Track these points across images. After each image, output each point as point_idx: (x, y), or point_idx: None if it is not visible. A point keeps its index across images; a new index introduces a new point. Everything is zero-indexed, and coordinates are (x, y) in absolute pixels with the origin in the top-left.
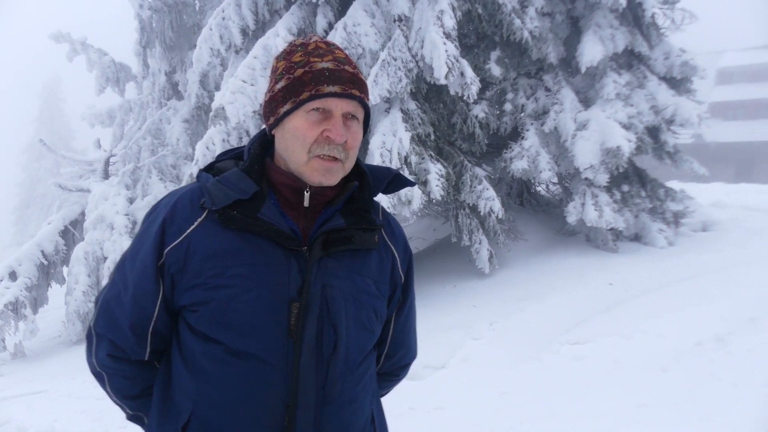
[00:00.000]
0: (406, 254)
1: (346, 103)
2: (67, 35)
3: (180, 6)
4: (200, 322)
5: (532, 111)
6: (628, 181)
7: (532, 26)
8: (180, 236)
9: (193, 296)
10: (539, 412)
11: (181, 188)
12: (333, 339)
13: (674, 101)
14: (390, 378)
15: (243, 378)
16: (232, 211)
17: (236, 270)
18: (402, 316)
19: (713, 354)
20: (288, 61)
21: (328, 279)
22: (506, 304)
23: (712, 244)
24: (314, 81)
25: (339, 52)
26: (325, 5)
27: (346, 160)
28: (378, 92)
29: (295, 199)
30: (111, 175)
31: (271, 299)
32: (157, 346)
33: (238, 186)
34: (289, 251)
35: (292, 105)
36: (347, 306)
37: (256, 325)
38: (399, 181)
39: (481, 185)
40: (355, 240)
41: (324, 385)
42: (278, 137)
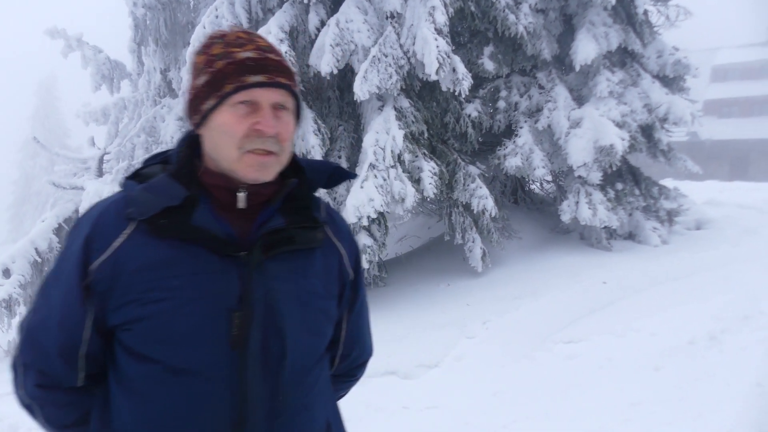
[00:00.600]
0: (353, 249)
1: (274, 93)
2: (62, 31)
3: (174, 4)
4: (135, 340)
5: (525, 109)
6: (622, 179)
7: (526, 22)
8: (106, 251)
9: (125, 314)
10: (532, 411)
11: (104, 200)
12: (280, 347)
13: (667, 99)
14: (346, 379)
15: (185, 397)
16: (162, 220)
17: (170, 282)
18: (354, 313)
19: (706, 352)
20: (207, 55)
21: (271, 283)
22: (500, 303)
23: (706, 242)
24: (237, 72)
25: (261, 40)
26: (318, 3)
27: (282, 152)
28: (367, 88)
29: (229, 201)
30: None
31: (210, 310)
32: (91, 370)
33: (167, 192)
34: (227, 257)
35: (216, 100)
36: (293, 310)
37: (195, 339)
38: (339, 175)
39: (474, 183)
40: (297, 240)
41: (274, 396)
42: (206, 136)
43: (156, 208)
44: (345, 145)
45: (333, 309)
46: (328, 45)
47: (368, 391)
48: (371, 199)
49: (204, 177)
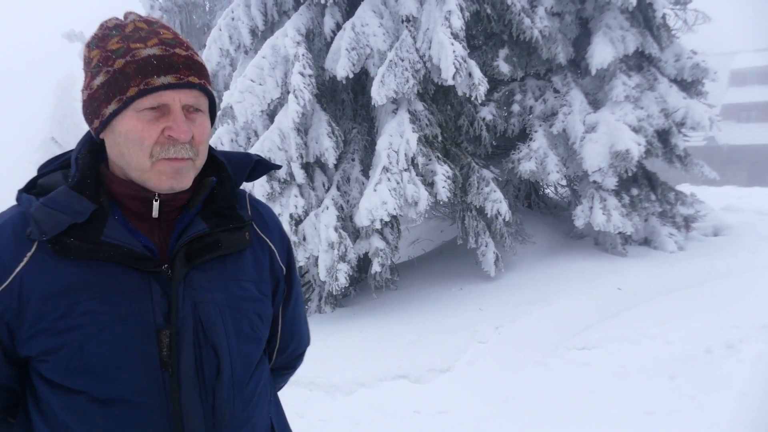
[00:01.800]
0: (284, 243)
1: (185, 94)
2: (80, 34)
3: (190, 7)
4: (53, 372)
5: (540, 112)
6: (638, 184)
7: (541, 26)
8: (7, 278)
9: (38, 345)
10: (544, 418)
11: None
12: (215, 362)
13: (685, 104)
14: (285, 371)
15: (115, 428)
16: (68, 239)
17: (86, 306)
18: (289, 308)
19: (723, 361)
20: (103, 50)
21: (199, 295)
22: (513, 308)
23: (724, 249)
24: (141, 72)
25: (165, 32)
26: (333, 6)
27: (197, 157)
28: (385, 93)
29: (143, 210)
30: None
31: (134, 332)
32: (5, 402)
33: (70, 207)
34: (148, 273)
35: (119, 104)
36: (225, 320)
37: (120, 365)
38: (262, 167)
39: (488, 187)
40: (223, 244)
41: (212, 415)
42: (109, 143)
43: (60, 227)
44: (359, 147)
45: (268, 309)
46: (344, 49)
47: (379, 395)
48: (384, 202)
49: (112, 186)
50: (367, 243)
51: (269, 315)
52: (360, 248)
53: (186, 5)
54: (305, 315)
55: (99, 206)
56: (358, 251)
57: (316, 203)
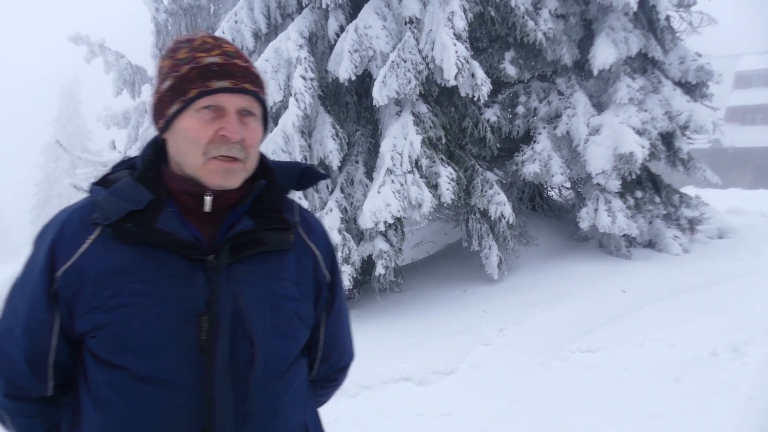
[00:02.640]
0: (329, 252)
1: (239, 99)
2: (85, 37)
3: (195, 10)
4: (101, 347)
5: (544, 114)
6: (642, 186)
7: (546, 28)
8: (72, 257)
9: (91, 321)
10: (548, 420)
11: (70, 205)
12: (249, 351)
13: (689, 107)
14: (327, 384)
15: (151, 405)
16: (126, 224)
17: (135, 287)
18: (332, 316)
19: (728, 364)
20: (173, 59)
21: (240, 287)
22: (517, 310)
23: (729, 252)
24: (201, 77)
25: (228, 46)
26: (337, 9)
27: (247, 159)
28: (386, 93)
29: (195, 205)
30: None
31: (176, 315)
32: (61, 380)
33: (131, 196)
34: (194, 261)
35: (181, 105)
36: (263, 314)
37: (161, 345)
38: (311, 176)
39: (492, 190)
40: (267, 241)
41: (242, 402)
42: (170, 141)
43: (120, 213)
44: (362, 150)
45: (308, 312)
46: (346, 51)
47: (383, 397)
48: (388, 204)
49: (170, 181)
50: (371, 245)
51: (309, 317)
52: (364, 250)
53: (191, 8)
54: (350, 327)
55: (156, 197)
56: (362, 253)
57: (320, 205)
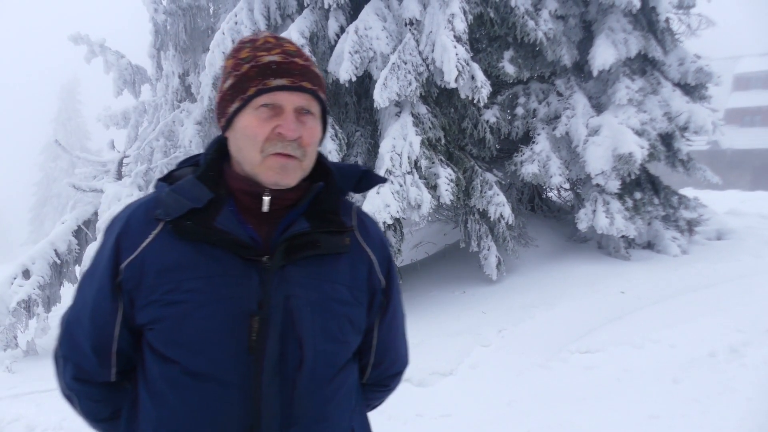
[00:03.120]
0: (385, 256)
1: (298, 97)
2: (85, 37)
3: (194, 10)
4: (157, 340)
5: (543, 115)
6: (641, 188)
7: (546, 28)
8: (135, 251)
9: (149, 313)
10: (547, 422)
11: (138, 200)
12: (298, 354)
13: (688, 108)
14: (379, 389)
15: (201, 401)
16: (186, 222)
17: (191, 284)
18: (386, 322)
19: (727, 365)
20: (235, 59)
21: (292, 289)
22: (516, 311)
23: (727, 253)
24: (260, 75)
25: (289, 45)
26: (337, 9)
27: (304, 158)
28: (387, 95)
29: (254, 204)
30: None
31: (228, 314)
32: (124, 367)
33: (192, 194)
34: (249, 261)
35: (240, 103)
36: (314, 317)
37: (212, 343)
38: (369, 179)
39: (491, 190)
40: (321, 244)
41: (289, 404)
42: (231, 139)
43: (181, 210)
44: (362, 150)
45: (360, 317)
46: (346, 52)
47: None
48: (387, 205)
49: (230, 180)
50: None
51: (361, 322)
52: None
53: (190, 8)
54: (405, 333)
55: (217, 196)
56: None
57: None
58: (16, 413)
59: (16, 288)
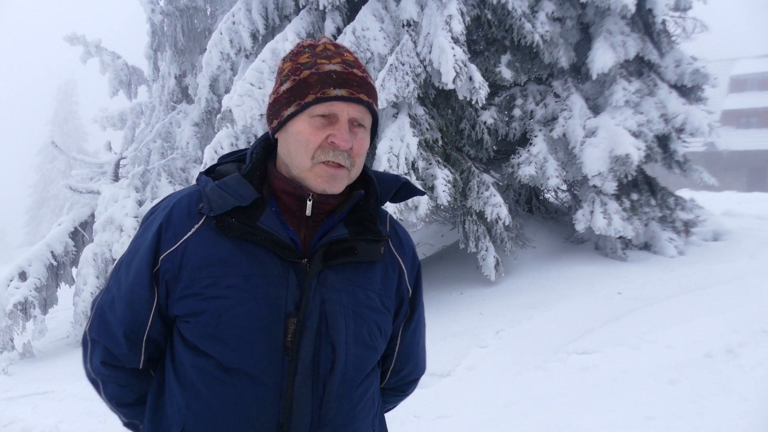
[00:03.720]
0: (414, 266)
1: (353, 108)
2: (81, 38)
3: (191, 11)
4: (192, 333)
5: (541, 117)
6: (638, 189)
7: (543, 30)
8: (176, 243)
9: (186, 306)
10: (545, 423)
11: (180, 191)
12: (331, 357)
13: (685, 110)
14: (396, 393)
15: (234, 396)
16: (230, 218)
17: (231, 280)
18: (409, 330)
19: (723, 366)
20: (294, 63)
21: (328, 293)
22: (513, 312)
23: (723, 254)
24: (320, 83)
25: (348, 54)
26: (334, 10)
27: (352, 167)
28: (385, 97)
29: (296, 207)
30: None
31: (266, 313)
32: (152, 354)
33: (238, 192)
34: (288, 263)
35: (297, 108)
36: (347, 322)
37: (249, 340)
38: (407, 190)
39: (488, 192)
40: (358, 252)
41: (320, 405)
42: (281, 141)
43: (226, 207)
44: None
45: (388, 324)
46: None
47: None
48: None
49: (275, 181)
50: None
51: (388, 329)
52: None
53: (187, 9)
54: (425, 342)
55: (261, 196)
56: None
57: None
58: (12, 416)
59: (12, 290)
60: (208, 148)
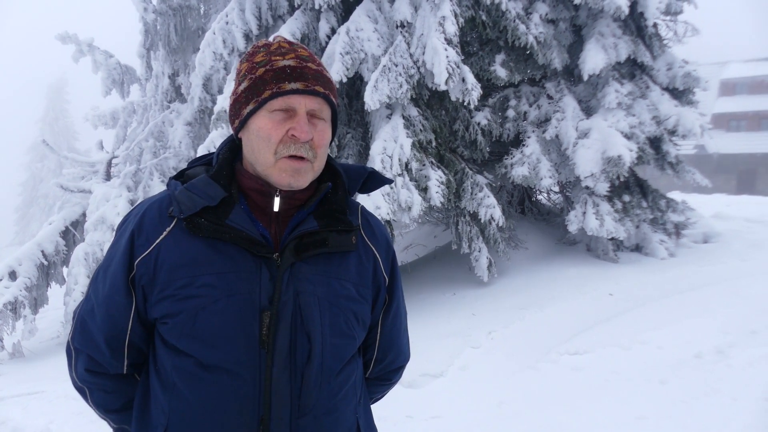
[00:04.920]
0: (389, 254)
1: (310, 100)
2: (73, 36)
3: (185, 10)
4: (171, 334)
5: (534, 118)
6: (630, 191)
7: (536, 32)
8: (149, 247)
9: (163, 308)
10: (537, 423)
11: (151, 197)
12: (307, 348)
13: (676, 112)
14: (382, 382)
15: (215, 393)
16: (199, 219)
17: (205, 279)
18: (389, 318)
19: (713, 366)
20: (250, 62)
21: (302, 285)
22: (505, 313)
23: (713, 256)
24: (276, 79)
25: (302, 50)
26: (329, 11)
27: (315, 159)
28: (378, 97)
29: (265, 204)
30: (113, 176)
31: (241, 309)
32: (135, 360)
33: (206, 192)
34: (260, 258)
35: (255, 105)
36: (323, 312)
37: (225, 337)
38: (375, 180)
39: (482, 192)
40: (329, 243)
41: (299, 396)
42: (244, 140)
43: (195, 208)
44: (353, 152)
45: (366, 312)
46: (338, 53)
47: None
48: (378, 207)
49: (242, 179)
50: None
51: (366, 318)
52: None
53: (180, 8)
54: (406, 330)
55: (229, 195)
56: None
57: None
58: (2, 416)
59: (2, 290)
60: (202, 148)
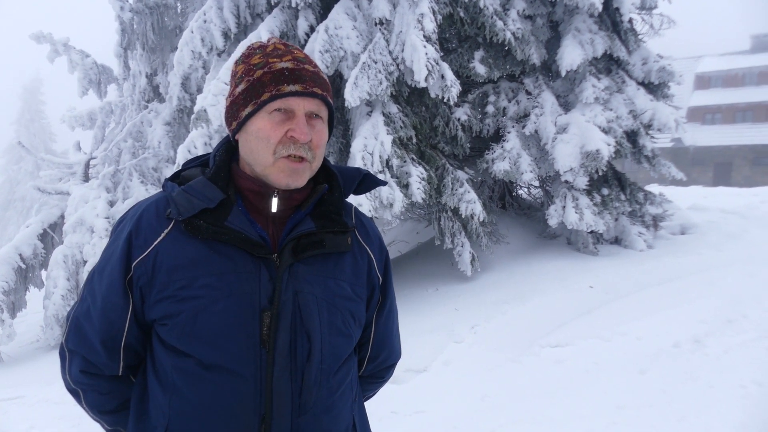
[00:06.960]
0: (382, 254)
1: (309, 102)
2: (48, 36)
3: (161, 8)
4: (170, 335)
5: (513, 114)
6: (608, 184)
7: (514, 28)
8: (147, 249)
9: (162, 309)
10: (520, 415)
11: (147, 198)
12: (307, 347)
13: (652, 106)
14: (374, 380)
15: (215, 392)
16: (198, 221)
17: (204, 280)
18: (382, 317)
19: (690, 355)
20: (247, 65)
21: (300, 285)
22: (488, 307)
23: (690, 247)
24: (274, 81)
25: (298, 52)
26: (307, 9)
27: (313, 160)
28: (358, 94)
29: (263, 205)
30: (91, 177)
31: (241, 309)
32: (131, 361)
33: (204, 194)
34: (259, 259)
35: (254, 107)
36: (321, 311)
37: (226, 337)
38: (369, 181)
39: (462, 188)
40: (326, 243)
41: (299, 394)
42: (242, 141)
43: (193, 210)
44: (333, 150)
45: (361, 312)
46: (317, 51)
47: None
48: (359, 204)
49: (240, 181)
50: None
51: (362, 316)
52: None
53: (157, 7)
54: (398, 329)
55: (227, 196)
56: None
57: None
58: None
59: None
60: (182, 148)
